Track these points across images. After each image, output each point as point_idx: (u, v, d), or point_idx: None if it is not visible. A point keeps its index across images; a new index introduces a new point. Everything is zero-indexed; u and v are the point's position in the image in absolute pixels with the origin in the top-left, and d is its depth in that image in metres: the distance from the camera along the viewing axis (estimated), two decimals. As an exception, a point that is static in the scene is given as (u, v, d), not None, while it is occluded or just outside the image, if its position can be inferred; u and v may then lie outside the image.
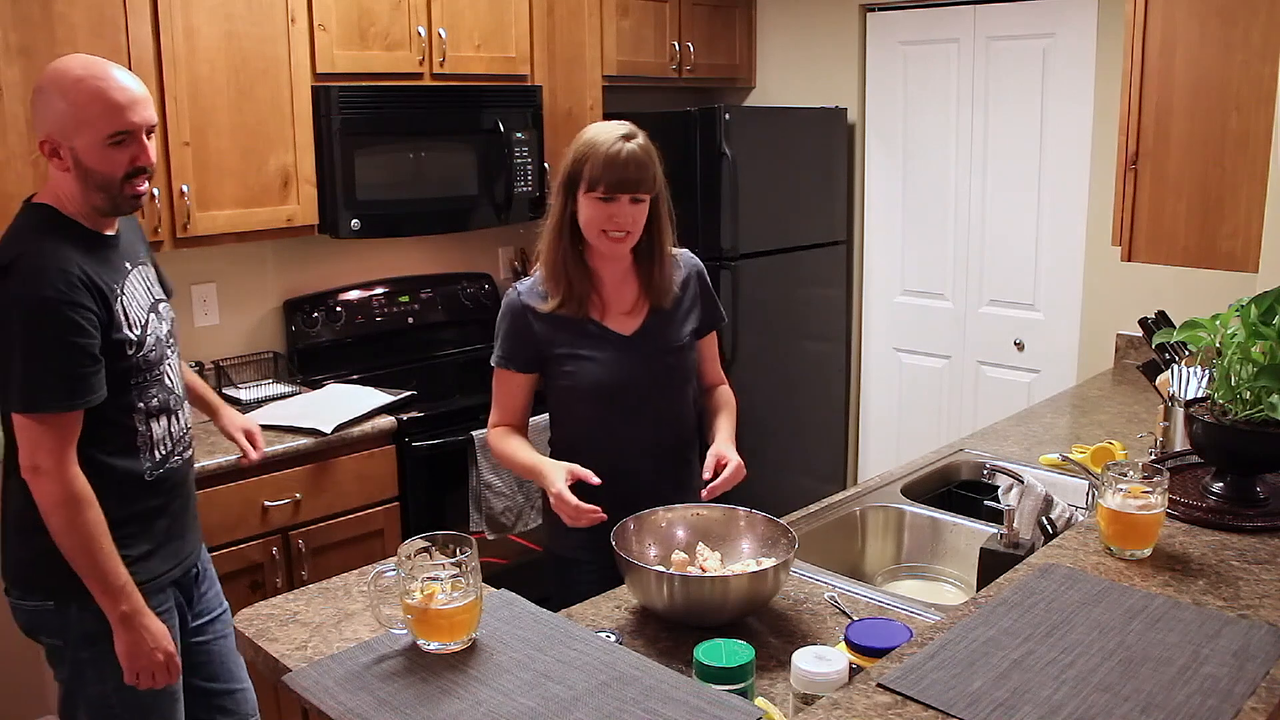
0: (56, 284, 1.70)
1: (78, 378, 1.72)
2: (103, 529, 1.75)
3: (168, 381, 1.91)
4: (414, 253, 3.61)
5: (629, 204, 1.90)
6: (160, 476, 1.89)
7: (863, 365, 4.29)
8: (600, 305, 2.00)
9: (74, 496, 1.72)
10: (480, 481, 2.95)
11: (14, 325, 1.69)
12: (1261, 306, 1.65)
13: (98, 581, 1.75)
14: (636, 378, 1.99)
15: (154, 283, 1.96)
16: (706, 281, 2.11)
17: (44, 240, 1.75)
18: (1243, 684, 1.20)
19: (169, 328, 1.94)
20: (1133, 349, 3.35)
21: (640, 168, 1.89)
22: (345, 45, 2.98)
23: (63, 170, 1.77)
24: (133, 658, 1.80)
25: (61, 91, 1.74)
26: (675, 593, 1.61)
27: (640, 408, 2.01)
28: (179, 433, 1.94)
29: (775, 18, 4.21)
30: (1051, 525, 1.84)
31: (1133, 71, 2.53)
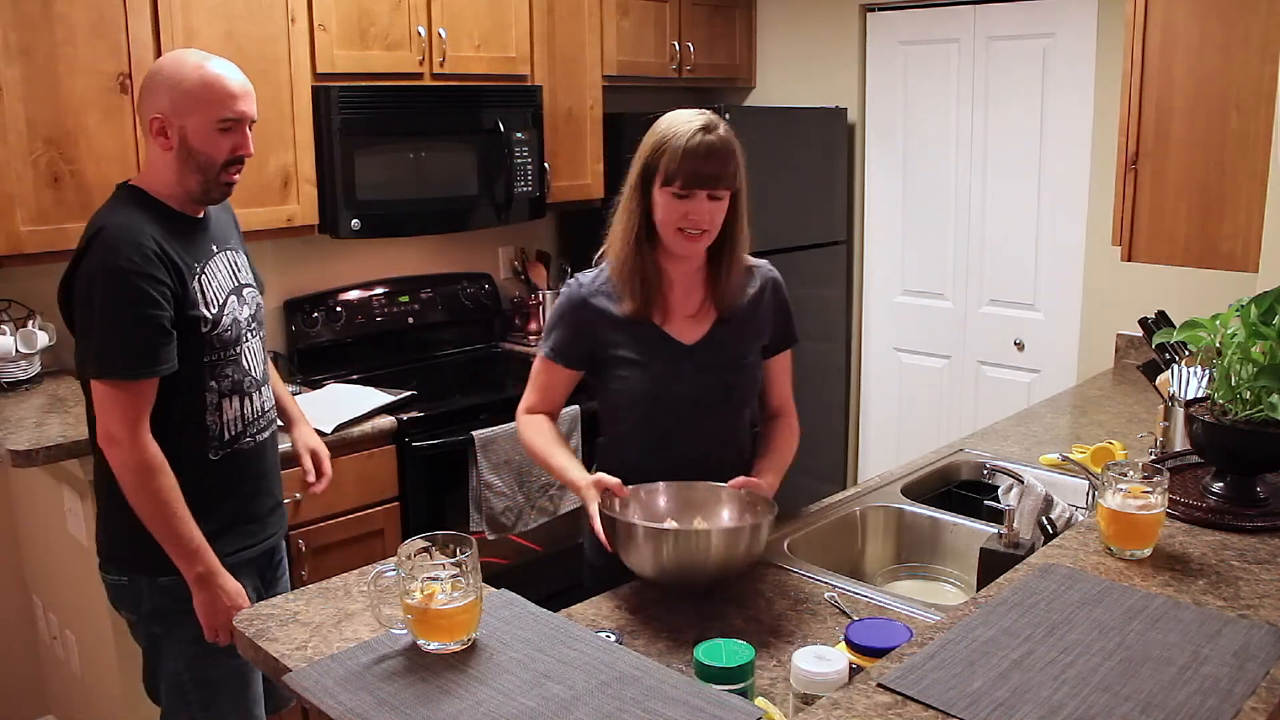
0: (132, 255, 1.77)
1: (148, 347, 1.78)
2: (176, 494, 1.82)
3: (245, 363, 1.96)
4: (414, 253, 3.61)
5: (706, 200, 1.77)
6: (226, 456, 1.95)
7: (863, 365, 4.29)
8: (664, 308, 1.88)
9: (146, 463, 1.79)
10: (480, 481, 2.95)
11: (93, 295, 1.78)
12: (1261, 306, 1.65)
13: (172, 544, 1.83)
14: (692, 391, 1.87)
15: (243, 269, 2.03)
16: (784, 295, 1.97)
17: (126, 216, 1.83)
18: (1243, 684, 1.20)
19: (251, 312, 2.01)
20: (1133, 349, 3.35)
21: (720, 162, 1.76)
22: (345, 45, 2.98)
23: (165, 149, 1.85)
24: (210, 615, 1.88)
25: (182, 75, 1.84)
26: (663, 548, 1.65)
27: (692, 422, 1.89)
28: (253, 415, 1.99)
29: (775, 18, 4.21)
30: (1051, 525, 1.84)
31: (1133, 71, 2.53)
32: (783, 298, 1.98)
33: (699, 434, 1.91)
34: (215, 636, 1.90)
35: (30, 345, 2.67)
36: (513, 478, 2.98)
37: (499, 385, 3.45)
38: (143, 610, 1.94)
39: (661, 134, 1.80)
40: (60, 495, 2.54)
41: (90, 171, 2.54)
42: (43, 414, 2.49)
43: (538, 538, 3.15)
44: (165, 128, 1.84)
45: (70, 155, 2.51)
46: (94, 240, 1.80)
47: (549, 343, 1.93)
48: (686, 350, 1.88)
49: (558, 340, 1.92)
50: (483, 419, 3.01)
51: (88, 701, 2.73)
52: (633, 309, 1.86)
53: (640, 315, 1.86)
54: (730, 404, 1.92)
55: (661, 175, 1.78)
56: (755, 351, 1.94)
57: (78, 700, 2.81)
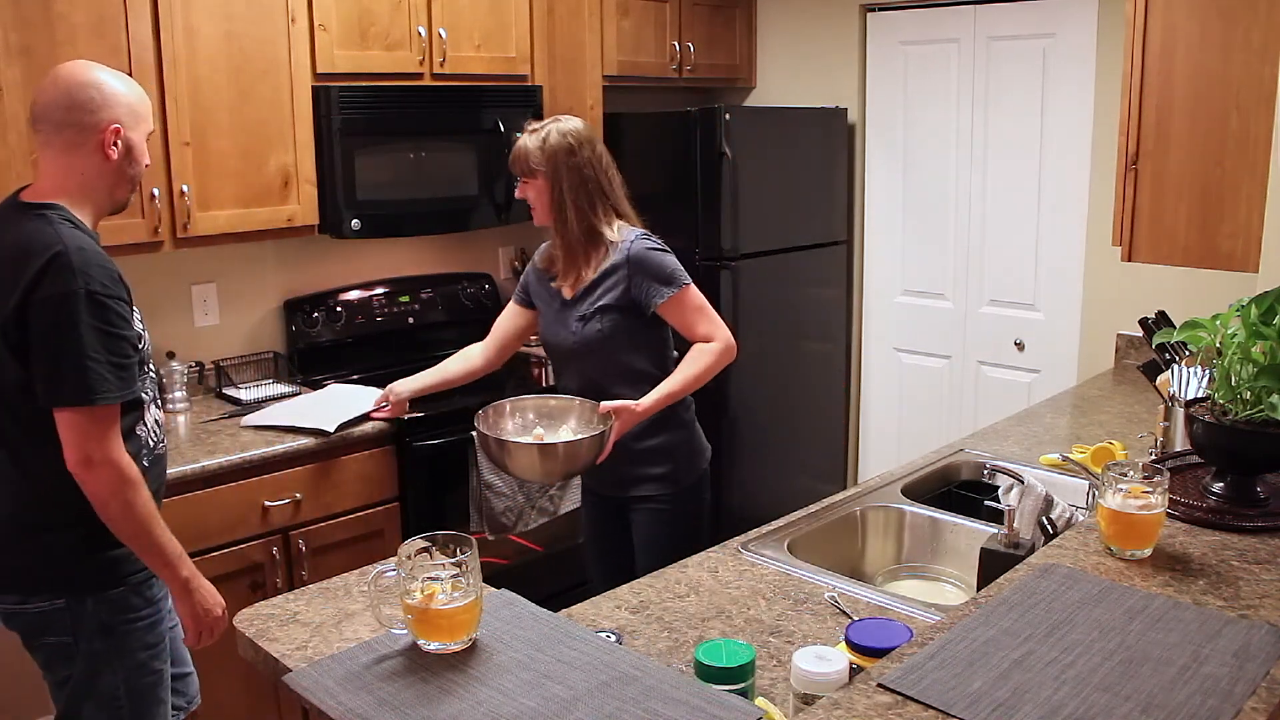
0: (103, 279, 1.77)
1: (126, 369, 1.79)
2: (154, 505, 1.83)
3: (151, 373, 1.98)
4: (414, 253, 3.61)
5: (521, 184, 2.36)
6: (153, 461, 1.96)
7: (863, 365, 4.29)
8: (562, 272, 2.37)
9: (129, 479, 1.78)
10: (480, 481, 2.95)
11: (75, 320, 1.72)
12: (1261, 306, 1.65)
13: (159, 555, 1.83)
14: (559, 335, 2.37)
15: None
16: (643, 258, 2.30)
17: (79, 237, 1.80)
18: (1243, 684, 1.20)
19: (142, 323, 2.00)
20: (1133, 349, 3.35)
21: (512, 155, 2.36)
22: (345, 45, 2.98)
23: (108, 159, 1.85)
24: (198, 618, 1.90)
25: (126, 87, 1.88)
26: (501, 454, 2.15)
27: (562, 360, 2.41)
28: (162, 420, 2.03)
29: (775, 18, 4.21)
30: (1051, 525, 1.84)
31: (1133, 72, 2.53)
32: (640, 264, 2.31)
33: (575, 374, 2.38)
34: (198, 640, 1.91)
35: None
36: (513, 478, 2.98)
37: (499, 385, 3.45)
38: (84, 629, 1.86)
39: None
40: (60, 495, 2.53)
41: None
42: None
43: (538, 538, 3.15)
44: (118, 139, 1.84)
45: (70, 155, 2.51)
46: (55, 264, 1.72)
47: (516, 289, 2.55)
48: (562, 303, 2.37)
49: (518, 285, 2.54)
50: (483, 419, 3.00)
51: (88, 701, 2.73)
52: (541, 262, 2.45)
53: (547, 269, 2.42)
54: (585, 350, 2.33)
55: None
56: (597, 308, 2.31)
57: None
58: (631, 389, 2.29)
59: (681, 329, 2.34)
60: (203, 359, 3.11)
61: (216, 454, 2.55)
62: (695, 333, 2.33)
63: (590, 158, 2.32)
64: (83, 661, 1.88)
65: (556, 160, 2.30)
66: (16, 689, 2.95)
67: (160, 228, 2.67)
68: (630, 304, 2.30)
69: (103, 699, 1.89)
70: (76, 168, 1.84)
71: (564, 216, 2.31)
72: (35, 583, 1.86)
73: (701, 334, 2.32)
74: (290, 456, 2.66)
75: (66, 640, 1.87)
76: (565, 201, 2.30)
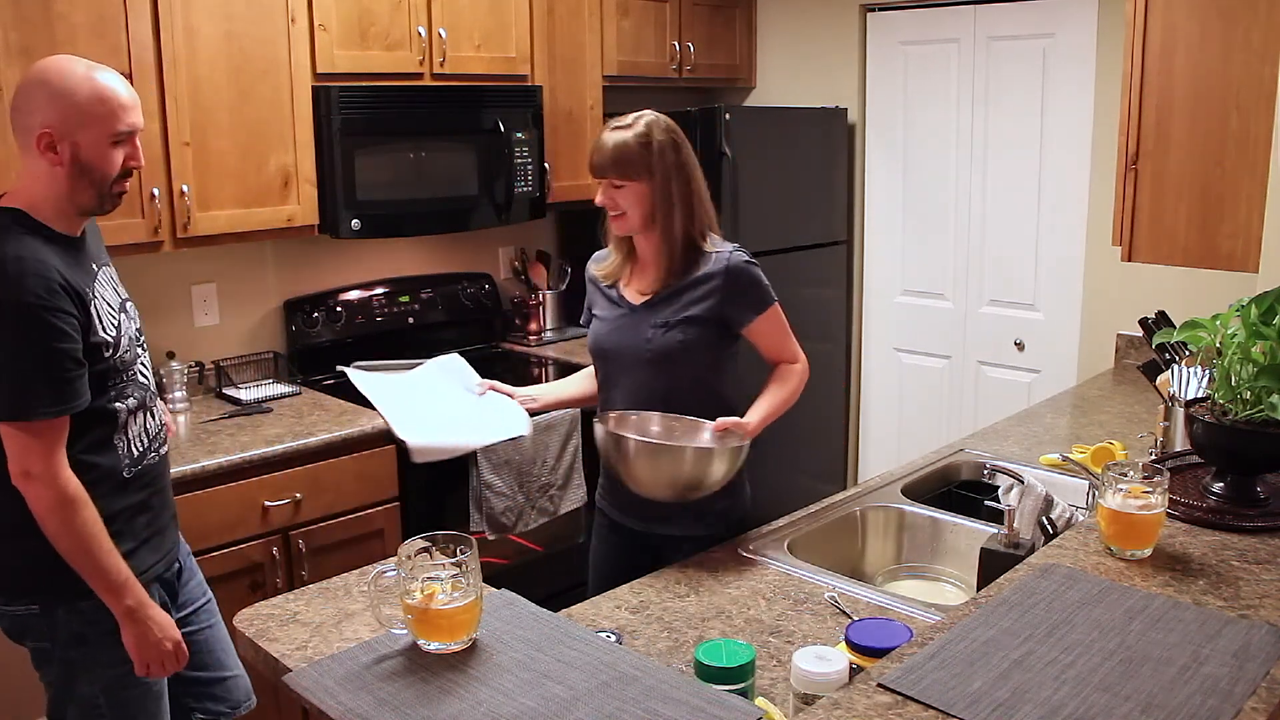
0: (38, 290, 1.68)
1: (64, 382, 1.72)
2: (99, 527, 1.75)
3: (141, 379, 1.91)
4: (414, 253, 3.61)
5: (610, 188, 2.06)
6: (138, 473, 1.90)
7: (863, 365, 4.29)
8: (629, 276, 2.18)
9: (68, 498, 1.72)
10: (480, 481, 2.94)
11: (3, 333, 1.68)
12: (1261, 306, 1.65)
13: (100, 579, 1.75)
14: (622, 344, 2.15)
15: (119, 284, 1.95)
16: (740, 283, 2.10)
17: (21, 246, 1.72)
18: (1243, 684, 1.20)
19: (137, 326, 1.95)
20: (1133, 349, 3.35)
21: (604, 156, 2.04)
22: (345, 45, 2.98)
23: (54, 165, 1.75)
24: (142, 649, 1.81)
25: (70, 88, 1.73)
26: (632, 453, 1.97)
27: (620, 370, 2.17)
28: (154, 429, 1.95)
29: (775, 18, 4.21)
30: (1051, 525, 1.84)
31: (1133, 72, 2.53)
32: (738, 283, 2.11)
33: (626, 382, 2.16)
34: (146, 671, 1.83)
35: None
36: (513, 478, 2.98)
37: (499, 385, 3.45)
38: (59, 637, 1.85)
39: None
40: (60, 495, 2.53)
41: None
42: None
43: (538, 538, 3.15)
44: (55, 142, 1.73)
45: (70, 155, 2.51)
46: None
47: None
48: (632, 308, 2.15)
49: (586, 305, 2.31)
50: (483, 419, 3.00)
51: (88, 701, 2.73)
52: (602, 274, 2.21)
53: (610, 280, 2.20)
54: (653, 361, 2.11)
55: None
56: (682, 318, 2.10)
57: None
58: (696, 407, 2.10)
59: (767, 349, 2.18)
60: (203, 359, 3.11)
61: (216, 454, 2.55)
62: (783, 353, 2.18)
63: (690, 157, 2.11)
64: (59, 668, 1.88)
65: (665, 160, 2.05)
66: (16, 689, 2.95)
67: (160, 228, 2.67)
68: (718, 318, 2.10)
69: (82, 705, 1.88)
70: (31, 171, 1.78)
71: (670, 224, 2.07)
72: (12, 587, 1.85)
73: (789, 354, 2.18)
74: (290, 456, 2.66)
75: (45, 645, 1.87)
76: (673, 206, 2.07)
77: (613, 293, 2.19)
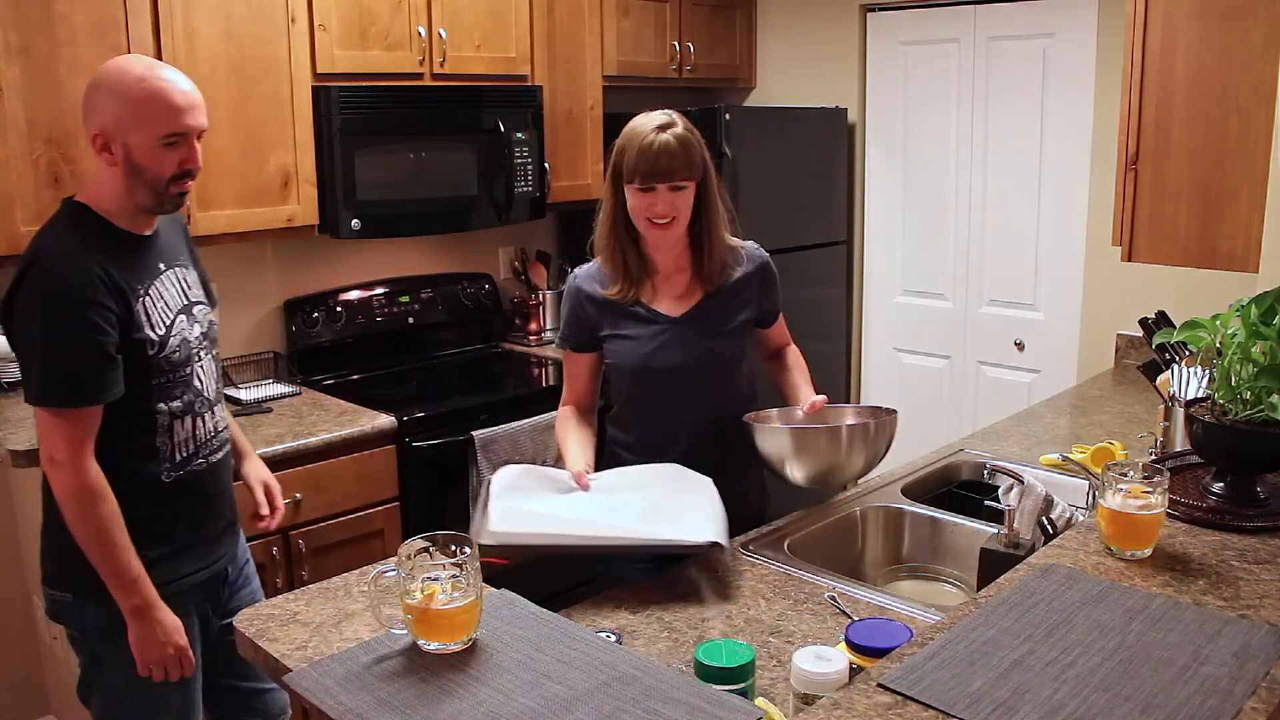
0: (74, 281, 1.72)
1: (90, 374, 1.73)
2: (116, 522, 1.76)
3: (196, 383, 1.90)
4: (414, 253, 3.61)
5: (668, 192, 1.93)
6: (180, 479, 1.89)
7: (863, 365, 4.29)
8: (653, 290, 2.06)
9: (87, 489, 1.74)
10: (480, 481, 2.94)
11: (33, 320, 1.72)
12: (1261, 306, 1.65)
13: (110, 574, 1.77)
14: (678, 359, 2.02)
15: (193, 285, 1.96)
16: (773, 276, 2.13)
17: (69, 237, 1.77)
18: (1243, 684, 1.20)
19: (203, 331, 1.94)
20: (1133, 349, 3.35)
21: (673, 157, 1.92)
22: (345, 45, 2.98)
23: (110, 165, 1.79)
24: (144, 649, 1.83)
25: (123, 89, 1.75)
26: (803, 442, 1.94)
27: (681, 391, 2.04)
28: (205, 436, 1.93)
29: (775, 18, 4.21)
30: (1051, 525, 1.84)
31: (1133, 72, 2.53)
32: (772, 276, 2.13)
33: (690, 402, 2.05)
34: (148, 672, 1.84)
35: (30, 345, 2.67)
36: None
37: (499, 385, 3.45)
38: (87, 629, 1.89)
39: (626, 135, 1.98)
40: (60, 495, 2.53)
41: (90, 172, 2.53)
42: (43, 414, 2.49)
43: (538, 538, 3.14)
44: (108, 144, 1.77)
45: (70, 155, 2.51)
46: (34, 263, 1.74)
47: (562, 333, 2.14)
48: (672, 323, 2.04)
49: (564, 329, 2.13)
50: (483, 419, 3.01)
51: (88, 701, 2.73)
52: (618, 292, 2.04)
53: (627, 297, 2.04)
54: (713, 371, 2.06)
55: (626, 173, 1.96)
56: (739, 323, 2.08)
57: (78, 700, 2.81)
58: (746, 407, 2.09)
59: (777, 337, 2.22)
60: (203, 359, 3.11)
61: (216, 454, 2.55)
62: (784, 339, 2.23)
63: None
64: (86, 657, 1.92)
65: (706, 158, 1.99)
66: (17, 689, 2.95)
67: (160, 228, 2.67)
68: (759, 317, 2.12)
69: (107, 697, 1.92)
70: (97, 169, 1.82)
71: (715, 223, 2.02)
72: (54, 572, 1.91)
73: (787, 338, 2.23)
74: (290, 456, 2.66)
75: (75, 634, 1.92)
76: (716, 204, 2.02)
77: (639, 310, 2.05)
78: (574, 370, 2.14)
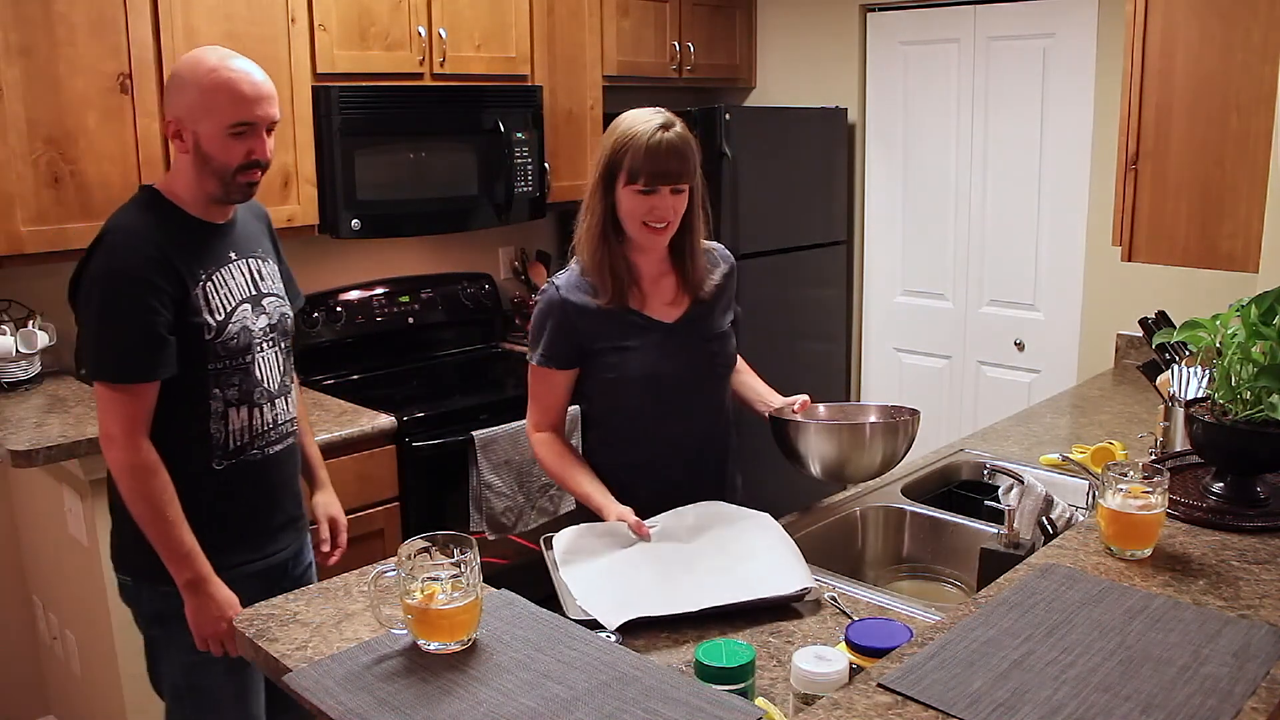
0: (131, 260, 1.76)
1: (142, 351, 1.77)
2: (169, 497, 1.80)
3: (256, 373, 1.91)
4: (414, 253, 3.61)
5: (670, 195, 1.86)
6: (231, 468, 1.91)
7: (863, 365, 4.29)
8: (641, 297, 1.96)
9: (141, 464, 1.78)
10: (480, 481, 2.95)
11: (93, 298, 1.78)
12: (1261, 306, 1.65)
13: (163, 547, 1.81)
14: (681, 366, 1.96)
15: (267, 278, 1.98)
16: (734, 277, 2.10)
17: (135, 220, 1.82)
18: (1243, 684, 1.20)
19: (271, 323, 1.96)
20: (1133, 349, 3.35)
21: (681, 158, 1.85)
22: (345, 45, 2.98)
23: (182, 153, 1.84)
24: (199, 624, 1.86)
25: (195, 78, 1.80)
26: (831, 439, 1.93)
27: (683, 397, 1.98)
28: (263, 426, 1.94)
29: (775, 18, 4.21)
30: (1051, 525, 1.84)
31: (1133, 72, 2.53)
32: (734, 279, 2.09)
33: (690, 410, 2.00)
34: (205, 646, 1.87)
35: (30, 345, 2.67)
36: (513, 478, 2.98)
37: (499, 385, 3.45)
38: (143, 613, 1.96)
39: (622, 133, 1.86)
40: (60, 495, 2.54)
41: (90, 171, 2.54)
42: (43, 414, 2.49)
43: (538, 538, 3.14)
44: (180, 132, 1.82)
45: (70, 155, 2.51)
46: (99, 243, 1.80)
47: (539, 350, 1.97)
48: (669, 329, 1.96)
49: (546, 345, 1.96)
50: (483, 419, 3.01)
51: (88, 701, 2.73)
52: (608, 300, 1.92)
53: (619, 305, 1.93)
54: (714, 375, 2.03)
55: (625, 173, 1.85)
56: (728, 325, 2.05)
57: (78, 700, 2.81)
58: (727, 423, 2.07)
59: None
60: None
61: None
62: None
63: None
64: (146, 642, 1.99)
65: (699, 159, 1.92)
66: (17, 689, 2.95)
67: (160, 228, 2.67)
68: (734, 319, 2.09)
69: (166, 680, 1.98)
70: (175, 156, 1.88)
71: (697, 227, 1.97)
72: (118, 555, 1.97)
73: None
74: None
75: (137, 617, 1.99)
76: (702, 209, 1.97)
77: (635, 318, 1.95)
78: (551, 390, 1.99)
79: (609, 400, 2.00)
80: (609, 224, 1.91)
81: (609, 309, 1.93)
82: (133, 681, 2.41)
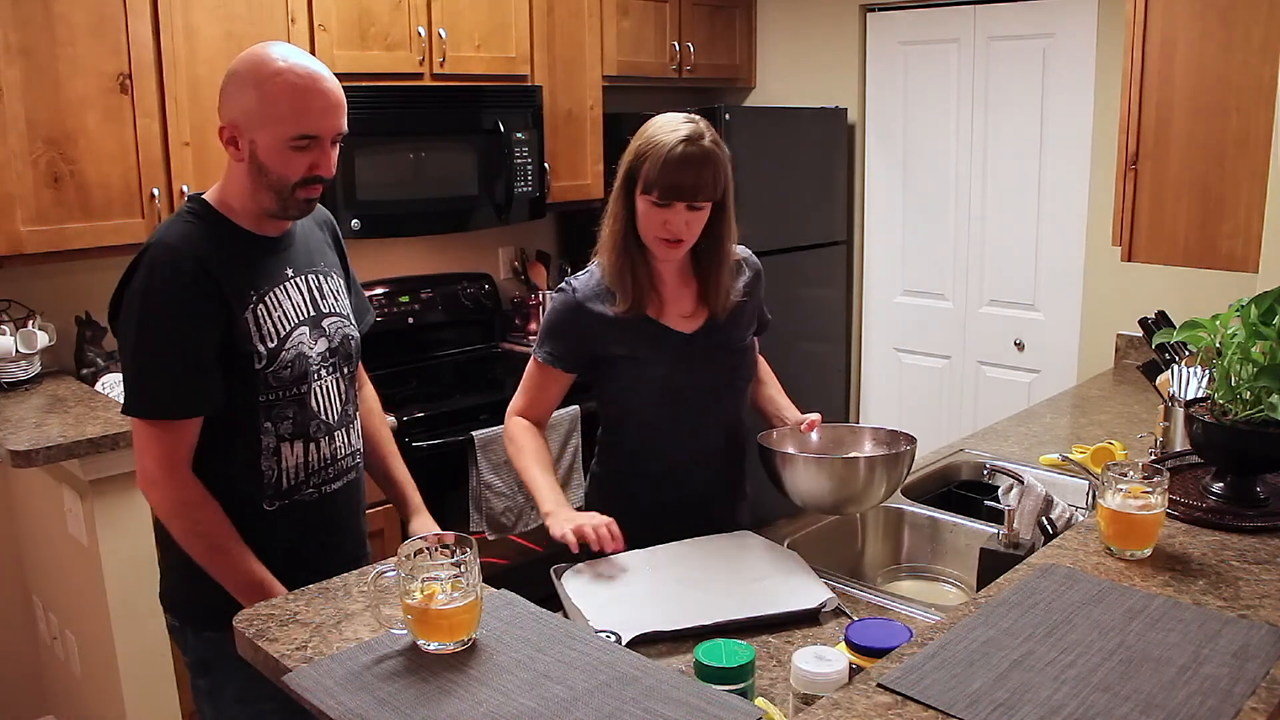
0: (173, 283, 1.57)
1: (179, 386, 1.59)
2: (227, 528, 1.62)
3: (314, 404, 1.72)
4: (414, 253, 3.61)
5: (685, 211, 1.76)
6: (284, 508, 1.72)
7: (863, 365, 4.29)
8: (658, 304, 1.88)
9: (188, 500, 1.61)
10: (480, 482, 2.95)
11: (130, 322, 1.60)
12: (1261, 307, 1.65)
13: (232, 582, 1.63)
14: (698, 378, 1.89)
15: (329, 295, 1.78)
16: (762, 283, 2.00)
17: (182, 233, 1.62)
18: (1243, 684, 1.20)
19: (331, 346, 1.75)
20: (1133, 349, 3.35)
21: (697, 174, 1.74)
22: (345, 45, 2.98)
23: (237, 161, 1.64)
24: None
25: (257, 81, 1.59)
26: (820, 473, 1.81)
27: (699, 410, 1.91)
28: (320, 463, 1.74)
29: (775, 18, 4.21)
30: (1051, 525, 1.83)
31: (1133, 71, 2.53)
32: (762, 283, 2.01)
33: (706, 421, 1.93)
34: None
35: (30, 345, 2.67)
36: (513, 478, 2.98)
37: (499, 385, 3.45)
38: (190, 659, 1.78)
39: (646, 139, 1.79)
40: (60, 495, 2.54)
41: (90, 172, 2.54)
42: (42, 414, 2.49)
43: (538, 538, 3.15)
44: (235, 139, 1.62)
45: (70, 155, 2.51)
46: (140, 259, 1.61)
47: (546, 347, 1.92)
48: (687, 340, 1.88)
49: (556, 345, 1.91)
50: (483, 419, 3.01)
51: (88, 701, 2.73)
52: (626, 308, 1.85)
53: (635, 313, 1.85)
54: (733, 389, 1.96)
55: (642, 182, 1.78)
56: (750, 335, 1.99)
57: (78, 700, 2.81)
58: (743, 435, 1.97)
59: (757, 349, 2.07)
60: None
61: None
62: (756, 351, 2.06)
63: None
64: (192, 690, 1.82)
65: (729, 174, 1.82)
66: (17, 689, 2.95)
67: (160, 228, 2.67)
68: (757, 327, 2.00)
69: None
70: (228, 164, 1.68)
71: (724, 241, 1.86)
72: (164, 594, 1.81)
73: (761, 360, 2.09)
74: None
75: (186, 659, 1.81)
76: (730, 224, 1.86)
77: (651, 328, 1.87)
78: (545, 387, 1.94)
79: (622, 409, 1.95)
80: (630, 230, 1.83)
81: (625, 317, 1.85)
82: (133, 681, 2.42)
